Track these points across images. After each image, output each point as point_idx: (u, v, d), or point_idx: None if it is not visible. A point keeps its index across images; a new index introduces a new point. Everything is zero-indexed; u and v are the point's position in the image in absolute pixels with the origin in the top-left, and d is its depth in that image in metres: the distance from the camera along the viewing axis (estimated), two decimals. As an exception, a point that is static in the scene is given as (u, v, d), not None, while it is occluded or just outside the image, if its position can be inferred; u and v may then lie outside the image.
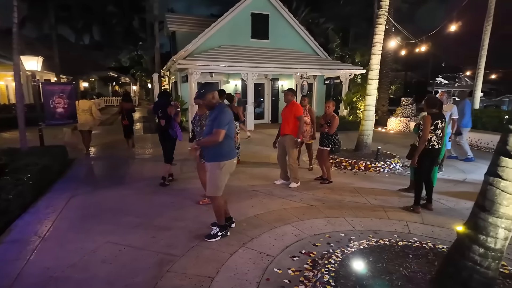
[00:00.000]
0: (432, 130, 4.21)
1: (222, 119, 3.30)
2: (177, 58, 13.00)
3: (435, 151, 4.29)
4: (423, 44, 11.62)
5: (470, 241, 2.19)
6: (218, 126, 3.26)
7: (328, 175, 5.70)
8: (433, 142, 4.24)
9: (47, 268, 2.93)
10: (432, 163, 4.41)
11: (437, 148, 4.29)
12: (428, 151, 4.24)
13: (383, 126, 13.99)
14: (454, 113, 6.23)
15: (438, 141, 4.27)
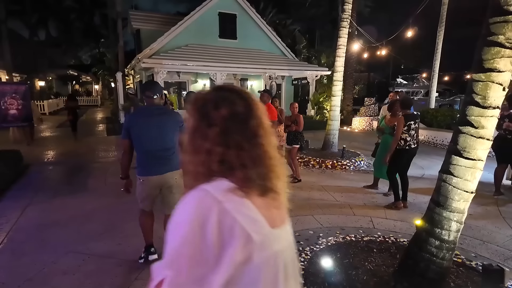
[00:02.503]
0: (406, 130, 4.39)
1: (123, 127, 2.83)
2: (142, 56, 12.59)
3: (411, 151, 4.48)
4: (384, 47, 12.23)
5: (427, 234, 2.35)
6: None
7: (297, 174, 5.82)
8: (409, 142, 4.42)
9: (2, 283, 2.72)
10: (408, 162, 4.60)
11: (414, 148, 4.48)
12: (405, 151, 4.44)
13: (348, 125, 14.54)
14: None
15: (414, 141, 4.46)
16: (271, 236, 0.79)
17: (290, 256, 0.87)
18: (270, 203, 0.82)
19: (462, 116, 2.24)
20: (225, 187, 0.76)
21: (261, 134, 0.82)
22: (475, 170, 2.20)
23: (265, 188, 0.81)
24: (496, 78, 2.07)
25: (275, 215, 0.83)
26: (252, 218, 0.76)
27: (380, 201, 4.85)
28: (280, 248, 0.81)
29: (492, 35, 2.05)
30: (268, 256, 0.77)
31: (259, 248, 0.75)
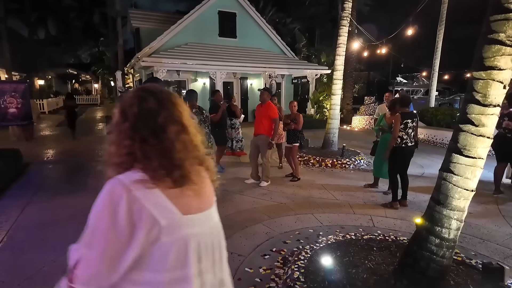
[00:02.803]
0: (402, 129, 4.39)
1: None
2: (142, 55, 12.57)
3: (408, 149, 4.48)
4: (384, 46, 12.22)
5: (427, 233, 2.35)
6: None
7: (296, 172, 5.82)
8: (405, 140, 4.42)
9: (2, 282, 2.72)
10: (406, 161, 4.60)
11: (410, 146, 4.48)
12: (401, 149, 4.44)
13: (348, 124, 14.53)
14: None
15: (411, 140, 4.46)
16: (181, 221, 0.88)
17: (209, 239, 0.96)
18: (185, 192, 0.91)
19: (463, 114, 2.24)
20: (136, 178, 0.86)
21: (170, 129, 0.90)
22: (476, 168, 2.20)
23: (177, 179, 0.89)
24: (497, 76, 2.07)
25: (192, 202, 0.93)
26: (159, 205, 0.85)
27: (379, 199, 4.85)
28: (193, 232, 0.91)
29: (493, 33, 2.05)
30: (177, 238, 0.87)
31: (167, 232, 0.85)
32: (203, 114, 4.25)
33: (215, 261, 0.99)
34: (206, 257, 0.95)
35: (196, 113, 4.22)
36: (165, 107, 0.92)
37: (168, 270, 0.86)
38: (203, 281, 0.94)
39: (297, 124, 5.65)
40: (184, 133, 0.94)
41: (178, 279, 0.88)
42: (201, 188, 0.98)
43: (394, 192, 4.53)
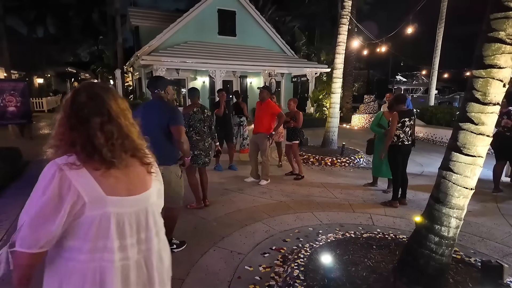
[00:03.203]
0: (400, 127, 4.39)
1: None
2: (141, 53, 12.55)
3: (404, 147, 4.49)
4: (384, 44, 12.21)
5: (426, 231, 2.35)
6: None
7: (300, 170, 5.80)
8: (402, 138, 4.42)
9: (2, 280, 2.72)
10: (404, 159, 4.60)
11: (407, 145, 4.49)
12: (398, 147, 4.44)
13: (348, 122, 14.54)
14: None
15: (407, 138, 4.46)
16: (103, 200, 1.04)
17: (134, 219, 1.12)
18: (112, 175, 1.08)
19: (462, 113, 2.24)
20: (68, 160, 1.03)
21: (94, 120, 1.06)
22: (475, 167, 2.20)
23: (101, 162, 1.05)
24: (497, 74, 2.07)
25: (119, 185, 1.09)
26: (85, 184, 1.02)
27: (379, 198, 4.86)
28: (115, 211, 1.06)
29: (493, 31, 2.05)
30: (99, 214, 1.03)
31: (89, 207, 1.02)
32: (204, 113, 4.23)
33: (141, 240, 1.14)
34: (131, 235, 1.10)
35: (197, 112, 4.20)
36: (93, 101, 1.08)
37: (91, 240, 1.03)
38: (126, 255, 1.09)
39: (297, 122, 5.65)
40: (110, 124, 1.09)
41: (100, 248, 1.05)
42: (130, 174, 1.13)
43: (395, 191, 4.53)
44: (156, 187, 1.24)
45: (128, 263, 1.10)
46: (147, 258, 1.16)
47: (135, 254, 1.13)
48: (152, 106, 2.99)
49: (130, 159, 1.15)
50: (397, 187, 4.52)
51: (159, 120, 2.87)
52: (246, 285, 2.66)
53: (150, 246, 1.17)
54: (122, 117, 1.13)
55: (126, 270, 1.09)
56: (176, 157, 3.00)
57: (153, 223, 1.20)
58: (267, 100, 5.42)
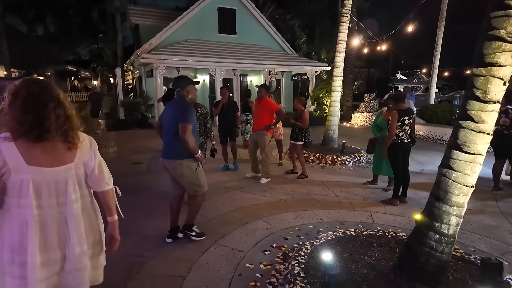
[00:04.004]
0: (399, 126, 4.40)
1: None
2: (141, 52, 12.54)
3: (404, 145, 4.50)
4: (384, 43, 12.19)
5: (427, 228, 2.36)
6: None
7: (303, 170, 5.77)
8: (401, 137, 4.44)
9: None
10: (405, 157, 4.60)
11: (407, 143, 4.50)
12: (398, 145, 4.45)
13: (348, 121, 14.53)
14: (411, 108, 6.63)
15: (407, 136, 4.48)
16: (24, 168, 1.37)
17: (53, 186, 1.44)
18: (36, 150, 1.39)
19: (463, 111, 2.24)
20: (4, 135, 1.37)
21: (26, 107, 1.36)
22: (475, 165, 2.21)
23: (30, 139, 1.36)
24: (497, 72, 2.07)
25: (40, 158, 1.40)
26: (11, 154, 1.36)
27: (379, 196, 4.87)
28: (33, 177, 1.39)
29: (493, 29, 2.05)
30: (20, 178, 1.38)
31: (13, 172, 1.37)
32: (197, 111, 4.25)
33: (59, 203, 1.47)
34: (49, 195, 1.44)
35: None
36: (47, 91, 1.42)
37: (16, 197, 1.40)
38: (42, 212, 1.43)
39: (302, 122, 5.61)
40: (59, 108, 1.43)
41: (23, 205, 1.40)
42: (52, 149, 1.43)
43: (396, 189, 4.53)
44: (81, 161, 1.54)
45: (44, 218, 1.44)
46: (66, 217, 1.49)
47: (55, 213, 1.46)
48: (172, 104, 3.24)
49: (55, 142, 1.44)
50: (398, 185, 4.53)
51: (173, 117, 3.06)
52: (247, 282, 2.67)
53: (67, 208, 1.49)
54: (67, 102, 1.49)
55: (43, 223, 1.43)
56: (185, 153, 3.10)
57: (73, 190, 1.51)
58: (265, 98, 5.46)
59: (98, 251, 1.70)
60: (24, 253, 1.40)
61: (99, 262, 1.72)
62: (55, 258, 1.48)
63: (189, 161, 3.11)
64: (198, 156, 3.14)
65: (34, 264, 1.40)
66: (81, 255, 1.54)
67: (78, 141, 1.51)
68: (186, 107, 3.07)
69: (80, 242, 1.53)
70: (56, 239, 1.47)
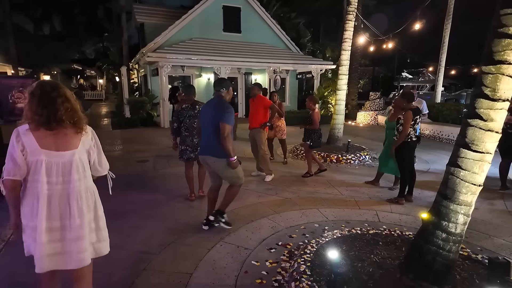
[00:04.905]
0: (411, 125, 4.38)
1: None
2: (147, 50, 12.58)
3: (412, 143, 4.48)
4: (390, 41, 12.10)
5: (434, 227, 2.36)
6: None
7: (309, 169, 5.77)
8: (411, 135, 4.43)
9: (14, 273, 2.78)
10: (412, 155, 4.58)
11: (414, 141, 4.49)
12: (406, 143, 4.42)
13: (353, 119, 14.47)
14: (424, 108, 6.58)
15: (415, 135, 4.48)
16: (38, 151, 1.72)
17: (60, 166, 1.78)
18: (48, 137, 1.75)
19: (471, 109, 2.23)
20: (24, 127, 1.74)
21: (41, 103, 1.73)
22: (483, 163, 2.19)
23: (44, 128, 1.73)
24: (506, 70, 2.05)
25: (51, 144, 1.75)
26: (29, 141, 1.72)
27: (385, 195, 4.85)
28: (45, 158, 1.74)
29: (503, 26, 2.03)
30: (35, 159, 1.73)
31: (30, 154, 1.72)
32: (195, 109, 4.30)
33: (64, 181, 1.79)
34: (57, 174, 1.77)
35: (186, 108, 4.33)
36: (40, 91, 1.76)
37: (32, 174, 1.75)
38: (50, 187, 1.76)
39: (312, 124, 5.57)
40: (67, 102, 1.79)
41: (36, 180, 1.74)
42: (62, 137, 1.78)
43: (402, 188, 4.51)
44: (84, 147, 1.89)
45: (52, 193, 1.76)
46: (69, 193, 1.80)
47: (60, 189, 1.78)
48: (211, 104, 3.42)
49: (67, 128, 1.79)
50: (405, 184, 4.51)
51: (213, 117, 3.26)
52: (253, 280, 2.69)
53: (71, 186, 1.81)
54: (73, 98, 1.84)
55: (50, 196, 1.76)
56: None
57: (76, 171, 1.82)
58: (258, 95, 5.53)
59: (100, 226, 2.00)
60: (35, 219, 1.73)
61: (102, 235, 2.03)
62: (57, 226, 1.78)
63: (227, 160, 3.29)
64: (233, 160, 3.28)
65: (41, 229, 1.73)
66: (80, 226, 1.82)
67: (84, 128, 1.88)
68: (226, 108, 3.27)
69: (79, 215, 1.82)
70: (59, 210, 1.78)
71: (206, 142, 3.40)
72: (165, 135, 9.46)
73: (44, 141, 1.73)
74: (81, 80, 33.80)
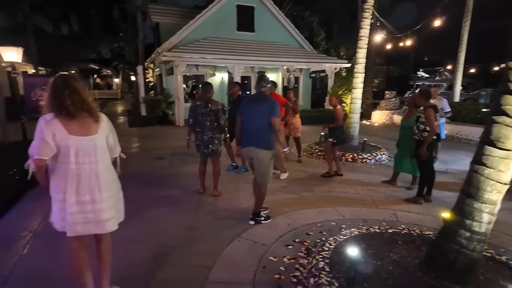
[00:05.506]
0: None
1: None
2: (162, 50, 12.76)
3: (433, 142, 4.40)
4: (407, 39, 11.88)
5: (457, 226, 2.32)
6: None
7: (329, 169, 5.67)
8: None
9: (41, 263, 2.89)
10: (431, 154, 4.48)
11: (434, 139, 4.41)
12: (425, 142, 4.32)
13: (368, 119, 14.29)
14: (446, 106, 6.46)
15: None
16: (66, 136, 1.99)
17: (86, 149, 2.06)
18: (72, 123, 2.01)
19: (497, 106, 2.18)
20: (50, 115, 1.98)
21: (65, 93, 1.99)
22: (510, 161, 2.15)
23: (69, 116, 2.00)
24: (535, 66, 2.00)
25: (75, 129, 2.02)
26: (57, 127, 1.97)
27: (402, 194, 4.79)
28: (72, 143, 2.01)
29: (532, 21, 1.98)
30: (65, 144, 1.99)
31: (59, 140, 1.97)
32: (207, 107, 4.35)
33: (91, 161, 2.08)
34: (83, 156, 2.05)
35: (199, 106, 4.41)
36: (66, 83, 2.04)
37: (62, 156, 2.02)
38: (79, 166, 2.05)
39: (335, 121, 5.51)
40: (74, 94, 2.02)
41: (66, 161, 2.02)
42: (83, 123, 2.07)
43: (421, 187, 4.44)
44: (103, 133, 2.17)
45: (80, 171, 2.05)
46: (94, 171, 2.09)
47: (86, 168, 2.07)
48: (254, 99, 3.66)
49: (85, 116, 2.07)
50: (424, 184, 4.44)
51: (261, 111, 3.47)
52: (271, 275, 2.71)
53: (96, 164, 2.10)
54: (82, 90, 2.07)
55: (78, 175, 2.05)
56: (271, 143, 3.56)
57: (98, 154, 2.12)
58: (272, 93, 5.46)
59: (119, 198, 2.34)
60: (64, 193, 2.04)
61: (121, 206, 2.37)
62: (84, 200, 2.07)
63: (269, 153, 3.55)
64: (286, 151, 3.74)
65: (70, 202, 2.04)
66: (107, 198, 2.15)
67: (99, 117, 2.15)
68: (276, 103, 3.53)
69: (103, 190, 2.12)
70: (86, 186, 2.07)
71: (250, 135, 3.57)
72: (180, 133, 9.59)
73: (69, 128, 2.00)
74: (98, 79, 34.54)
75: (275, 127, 3.44)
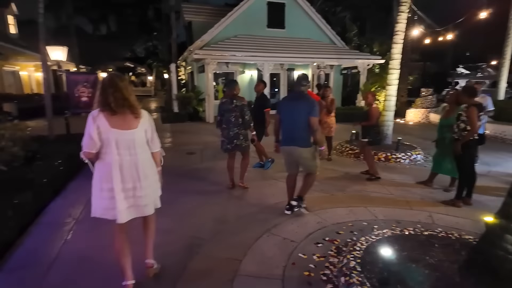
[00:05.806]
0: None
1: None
2: (194, 48, 13.05)
3: (476, 142, 4.19)
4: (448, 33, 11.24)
5: (502, 231, 2.18)
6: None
7: (372, 170, 5.38)
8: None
9: (84, 248, 3.09)
10: (473, 154, 4.27)
11: (476, 139, 4.16)
12: (472, 141, 4.10)
13: (402, 117, 13.73)
14: (489, 105, 6.08)
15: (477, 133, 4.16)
16: (109, 130, 2.18)
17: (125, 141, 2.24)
18: (115, 118, 2.20)
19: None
20: (96, 111, 2.21)
21: (109, 90, 2.19)
22: None
23: (111, 112, 2.19)
24: None
25: (118, 123, 2.21)
26: (102, 121, 2.18)
27: (439, 196, 4.56)
28: (114, 136, 2.20)
29: None
30: (107, 136, 2.19)
31: (103, 132, 2.19)
32: (232, 104, 4.43)
33: (131, 153, 2.26)
34: (123, 147, 2.23)
35: (225, 102, 4.50)
36: (110, 81, 2.23)
37: (105, 147, 2.22)
38: (121, 157, 2.23)
39: (368, 120, 5.34)
40: (117, 92, 2.20)
41: (109, 152, 2.22)
42: (124, 118, 2.24)
43: (460, 189, 4.21)
44: (142, 128, 2.32)
45: (122, 162, 2.23)
46: (135, 161, 2.28)
47: (128, 159, 2.25)
48: (294, 98, 3.73)
49: (127, 112, 2.24)
50: (463, 186, 4.20)
51: (301, 110, 3.53)
52: (301, 272, 2.71)
53: (136, 156, 2.28)
54: (124, 89, 2.23)
55: (121, 165, 2.23)
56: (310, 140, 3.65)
57: (138, 146, 2.30)
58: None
59: (157, 187, 2.54)
60: (110, 182, 2.22)
61: (158, 193, 2.56)
62: (128, 187, 2.27)
63: (311, 149, 3.67)
64: (322, 149, 3.76)
65: (117, 189, 2.22)
66: (145, 187, 2.33)
67: (140, 113, 2.31)
68: (315, 102, 3.59)
69: (144, 178, 2.32)
70: (129, 175, 2.27)
71: (290, 133, 3.65)
72: (210, 129, 9.79)
73: (112, 122, 2.19)
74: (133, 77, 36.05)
75: (313, 127, 3.49)
